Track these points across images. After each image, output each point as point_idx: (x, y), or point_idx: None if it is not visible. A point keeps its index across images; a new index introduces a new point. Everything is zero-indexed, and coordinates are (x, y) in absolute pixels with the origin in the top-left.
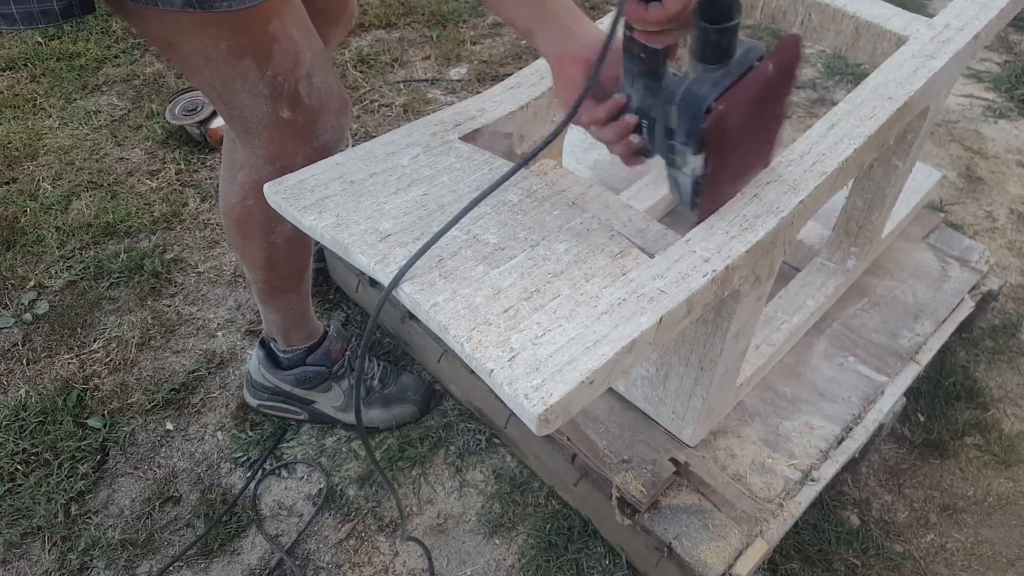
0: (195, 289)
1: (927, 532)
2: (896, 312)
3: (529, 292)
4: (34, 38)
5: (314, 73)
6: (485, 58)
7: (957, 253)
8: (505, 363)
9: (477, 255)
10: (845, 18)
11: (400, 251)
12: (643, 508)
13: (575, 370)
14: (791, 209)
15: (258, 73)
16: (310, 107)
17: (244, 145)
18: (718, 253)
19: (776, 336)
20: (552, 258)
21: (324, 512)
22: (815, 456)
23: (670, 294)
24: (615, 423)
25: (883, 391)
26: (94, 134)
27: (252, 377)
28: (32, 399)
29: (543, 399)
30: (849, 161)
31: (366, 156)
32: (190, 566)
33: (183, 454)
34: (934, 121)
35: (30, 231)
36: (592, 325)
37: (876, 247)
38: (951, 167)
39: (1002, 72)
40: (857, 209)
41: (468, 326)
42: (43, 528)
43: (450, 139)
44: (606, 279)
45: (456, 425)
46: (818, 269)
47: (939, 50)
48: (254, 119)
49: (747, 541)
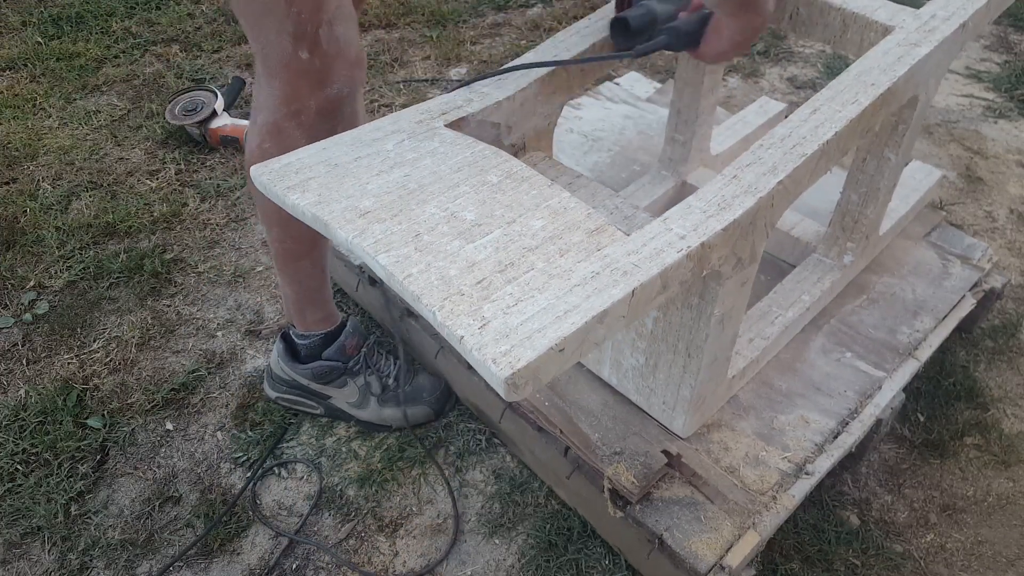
0: (195, 289)
1: (927, 532)
2: (895, 309)
3: (503, 265)
4: (34, 38)
5: (336, 22)
6: (485, 58)
7: (959, 251)
8: (476, 330)
9: (454, 230)
10: (832, 11)
11: (377, 227)
12: (634, 499)
13: (544, 337)
14: (769, 189)
15: (285, 8)
16: (327, 52)
17: (264, 86)
18: (694, 231)
19: (770, 330)
20: (528, 234)
21: (324, 512)
22: (810, 449)
23: (644, 268)
24: (608, 416)
25: (880, 386)
26: (94, 134)
27: (272, 370)
28: (32, 399)
29: (511, 364)
30: (830, 144)
31: (352, 141)
32: (190, 566)
33: (183, 454)
34: (925, 113)
35: (30, 231)
36: (564, 296)
37: (874, 244)
38: (951, 167)
39: (1002, 72)
40: (852, 204)
41: (441, 296)
42: (43, 528)
43: (436, 126)
44: (581, 254)
45: (456, 425)
46: (814, 265)
47: (924, 38)
48: (275, 57)
49: (739, 533)
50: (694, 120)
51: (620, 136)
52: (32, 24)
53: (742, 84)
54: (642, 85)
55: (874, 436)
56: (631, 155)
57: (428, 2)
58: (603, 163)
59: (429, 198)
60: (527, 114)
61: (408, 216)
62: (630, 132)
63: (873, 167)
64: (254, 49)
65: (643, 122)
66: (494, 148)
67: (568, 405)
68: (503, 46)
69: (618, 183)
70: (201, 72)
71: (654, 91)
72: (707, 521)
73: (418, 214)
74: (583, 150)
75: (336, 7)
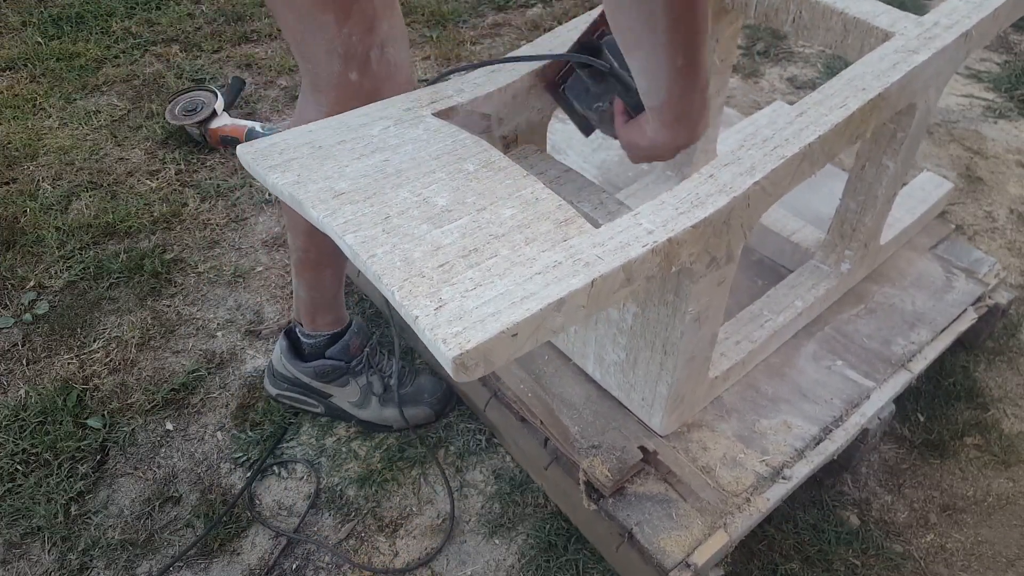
0: (195, 289)
1: (927, 532)
2: (892, 319)
3: (468, 250)
4: (34, 38)
5: (387, 44)
6: (485, 58)
7: (965, 264)
8: (431, 311)
9: (424, 215)
10: (834, 15)
11: (349, 208)
12: (607, 493)
13: (497, 321)
14: (744, 190)
15: (336, 29)
16: (377, 74)
17: (311, 100)
18: (663, 226)
19: (758, 333)
20: (496, 222)
21: (324, 512)
22: (789, 454)
23: (607, 260)
24: (590, 410)
25: (869, 396)
26: (94, 134)
27: (273, 366)
28: (32, 399)
29: (460, 344)
30: (813, 147)
31: (338, 125)
32: (190, 566)
33: (183, 454)
34: (926, 121)
35: (30, 231)
36: (524, 283)
37: (875, 253)
38: (951, 167)
39: (1002, 72)
40: (850, 211)
41: (402, 276)
42: (43, 528)
43: (423, 114)
44: (546, 243)
45: (456, 425)
46: (811, 271)
47: (923, 46)
48: (324, 76)
49: (709, 532)
50: None
51: None
52: (32, 24)
53: (742, 84)
54: None
55: (860, 446)
56: None
57: (428, 2)
58: (611, 161)
59: (404, 183)
60: (519, 107)
61: (381, 199)
62: None
63: (872, 175)
64: (301, 64)
65: None
66: (476, 138)
67: (551, 397)
68: (503, 46)
69: (626, 181)
70: (201, 72)
71: None
72: (678, 518)
73: (391, 198)
74: (591, 147)
75: (388, 29)
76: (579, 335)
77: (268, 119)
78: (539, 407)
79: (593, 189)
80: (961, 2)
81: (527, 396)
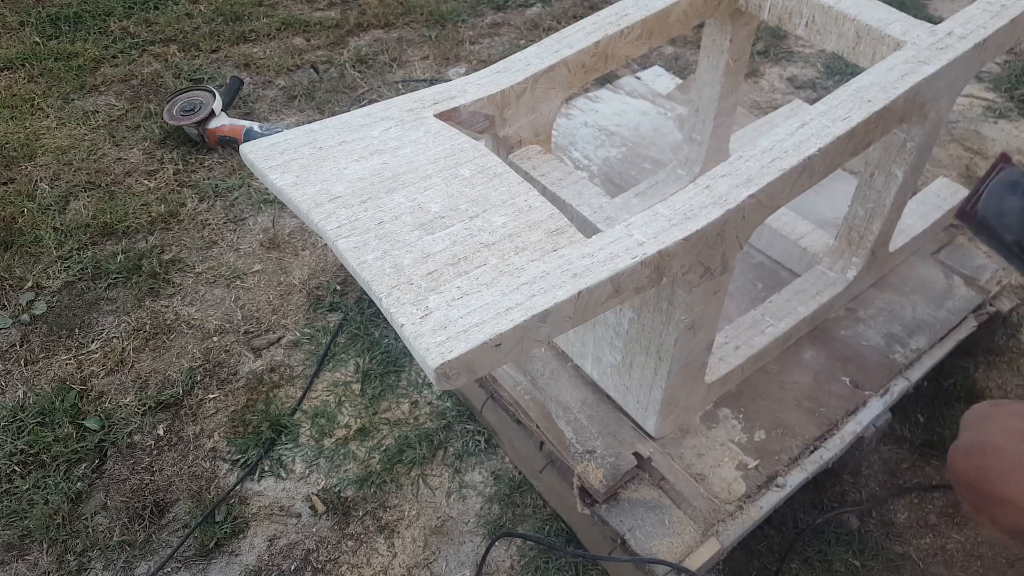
0: (193, 290)
1: (927, 533)
2: (892, 326)
3: (457, 259)
4: (32, 38)
5: None
6: (484, 58)
7: (967, 271)
8: (417, 319)
9: (416, 221)
10: (847, 21)
11: (344, 212)
12: (601, 498)
13: (481, 332)
14: (739, 202)
15: None
16: None
17: None
18: (655, 238)
19: (759, 339)
20: (488, 230)
21: (323, 513)
22: (784, 463)
23: (594, 272)
24: (586, 415)
25: (865, 403)
26: (92, 134)
27: None
28: (30, 400)
29: (443, 354)
30: (813, 160)
31: (340, 126)
32: (188, 567)
33: (180, 455)
34: (937, 131)
35: (28, 231)
36: (510, 294)
37: (883, 260)
38: (951, 167)
39: (1002, 72)
40: (858, 218)
41: (390, 283)
42: (41, 529)
43: (425, 116)
44: (536, 253)
45: (455, 426)
46: (816, 277)
47: (934, 56)
48: None
49: (701, 539)
50: (712, 120)
51: (634, 132)
52: (30, 24)
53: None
54: (663, 80)
55: (856, 453)
56: (643, 151)
57: (427, 2)
58: (614, 158)
59: (400, 187)
60: (523, 108)
61: (376, 204)
62: (645, 128)
63: (880, 183)
64: None
65: (659, 119)
66: (474, 143)
67: (548, 400)
68: (502, 46)
69: (628, 179)
70: (199, 72)
71: (675, 87)
72: (671, 525)
73: (386, 202)
74: (596, 144)
75: None
76: (579, 335)
77: (266, 119)
78: (535, 410)
79: (593, 192)
80: (978, 10)
81: (523, 399)
